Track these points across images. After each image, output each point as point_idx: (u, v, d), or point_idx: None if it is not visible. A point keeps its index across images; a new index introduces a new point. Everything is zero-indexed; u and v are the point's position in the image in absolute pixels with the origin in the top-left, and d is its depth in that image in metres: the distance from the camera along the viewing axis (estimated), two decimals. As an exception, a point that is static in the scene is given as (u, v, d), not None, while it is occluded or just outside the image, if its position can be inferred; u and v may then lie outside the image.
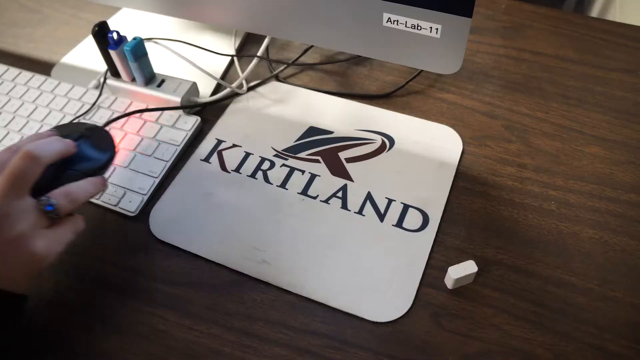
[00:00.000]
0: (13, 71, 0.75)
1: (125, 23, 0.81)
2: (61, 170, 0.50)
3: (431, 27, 0.50)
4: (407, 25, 0.51)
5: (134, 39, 0.63)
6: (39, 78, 0.73)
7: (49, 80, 0.73)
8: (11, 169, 0.46)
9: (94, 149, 0.54)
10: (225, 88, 0.67)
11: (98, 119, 0.67)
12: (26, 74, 0.74)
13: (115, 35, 0.63)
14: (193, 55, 0.68)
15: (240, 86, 0.69)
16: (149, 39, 0.66)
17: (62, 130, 0.54)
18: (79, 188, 0.49)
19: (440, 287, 0.51)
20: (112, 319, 0.51)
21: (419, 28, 0.51)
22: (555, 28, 0.76)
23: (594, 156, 0.61)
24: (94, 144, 0.54)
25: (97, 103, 0.69)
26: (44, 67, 0.77)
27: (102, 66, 0.69)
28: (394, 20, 0.52)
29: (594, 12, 1.65)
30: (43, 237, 0.46)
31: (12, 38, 0.83)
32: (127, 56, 0.64)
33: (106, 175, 0.54)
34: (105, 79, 0.68)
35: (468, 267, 0.50)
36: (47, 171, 0.48)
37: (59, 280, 0.55)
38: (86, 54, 0.78)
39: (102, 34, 0.63)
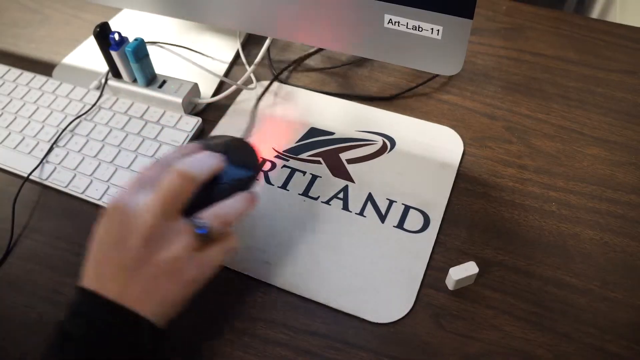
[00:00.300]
0: (14, 72, 0.75)
1: (126, 24, 0.81)
2: (210, 186, 0.46)
3: (432, 29, 0.50)
4: (408, 27, 0.51)
5: (136, 40, 0.63)
6: (40, 79, 0.74)
7: (51, 81, 0.73)
8: (165, 189, 0.44)
9: (240, 161, 0.49)
10: (230, 86, 0.67)
11: (99, 119, 0.67)
12: (28, 75, 0.75)
13: (116, 36, 0.63)
14: (194, 55, 0.68)
15: (247, 82, 0.69)
16: (151, 43, 0.66)
17: (205, 143, 0.50)
18: (231, 208, 0.46)
19: (441, 288, 0.51)
20: None
21: (420, 29, 0.51)
22: (555, 29, 0.76)
23: (595, 157, 0.61)
24: (239, 156, 0.50)
25: (98, 104, 0.69)
26: (45, 68, 0.77)
27: (103, 67, 0.69)
28: (395, 22, 0.52)
29: (595, 13, 1.65)
30: (195, 261, 0.43)
31: (13, 38, 0.84)
32: (128, 57, 0.64)
33: (254, 189, 0.51)
34: (106, 79, 0.68)
35: (469, 268, 0.50)
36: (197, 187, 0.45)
37: (60, 280, 0.55)
38: (87, 55, 0.79)
39: (104, 35, 0.63)
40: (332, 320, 0.50)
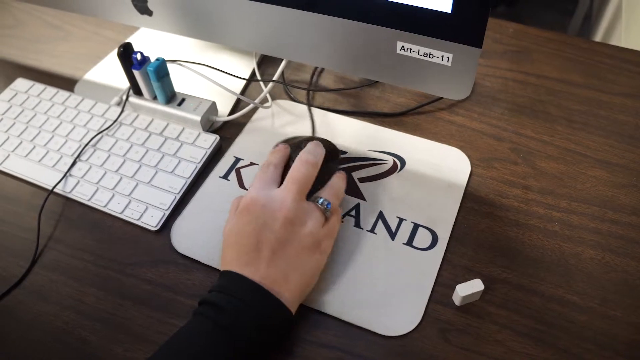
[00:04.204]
0: (38, 87, 0.78)
1: (145, 41, 0.84)
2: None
3: (442, 56, 0.53)
4: (420, 54, 0.54)
5: (157, 59, 0.66)
6: (63, 94, 0.76)
7: (73, 96, 0.76)
8: (298, 177, 0.53)
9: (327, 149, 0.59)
10: (246, 104, 0.70)
11: (120, 135, 0.70)
12: (51, 90, 0.77)
13: (139, 56, 0.66)
14: (211, 72, 0.71)
15: (263, 101, 0.71)
16: (171, 61, 0.69)
17: (291, 143, 0.60)
18: (338, 185, 0.56)
19: (448, 303, 0.53)
20: (133, 329, 0.54)
21: (431, 56, 0.53)
22: (560, 52, 0.78)
23: (597, 179, 0.63)
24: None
25: (119, 119, 0.71)
26: (67, 83, 0.80)
27: (123, 83, 0.72)
28: (407, 49, 0.54)
29: (599, 34, 1.67)
30: (326, 231, 0.52)
31: (36, 53, 0.86)
32: (150, 76, 0.66)
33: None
34: (127, 96, 0.71)
35: (475, 285, 0.52)
36: None
37: (82, 290, 0.57)
38: (108, 71, 0.82)
39: (127, 55, 0.66)
40: (343, 333, 0.52)
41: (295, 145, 0.58)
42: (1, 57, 0.87)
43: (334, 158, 0.60)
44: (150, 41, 0.84)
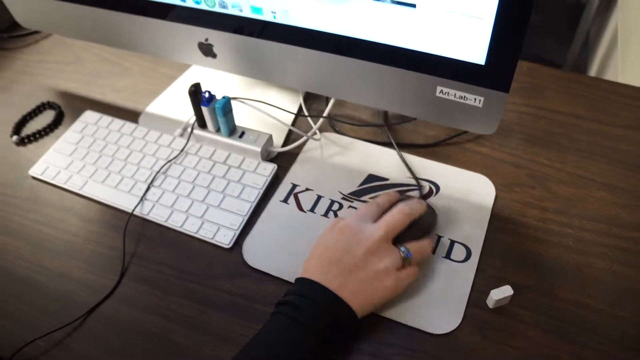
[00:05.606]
0: (106, 119, 0.87)
1: (198, 79, 0.92)
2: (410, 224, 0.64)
3: (475, 99, 0.62)
4: (456, 97, 0.63)
5: (223, 97, 0.76)
6: (130, 126, 0.86)
7: (139, 128, 0.85)
8: (391, 220, 0.62)
9: (427, 212, 0.68)
10: (297, 136, 0.81)
11: (187, 163, 0.79)
12: (118, 122, 0.87)
13: (207, 95, 0.76)
14: (263, 107, 0.80)
15: (313, 134, 0.81)
16: (233, 98, 0.79)
17: (401, 196, 0.70)
18: (425, 246, 0.64)
19: (483, 306, 0.63)
20: (217, 332, 0.63)
21: (465, 99, 0.62)
22: (568, 88, 0.88)
23: (603, 200, 0.73)
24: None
25: (185, 149, 0.81)
26: (130, 115, 0.89)
27: (181, 116, 0.82)
28: (445, 92, 0.63)
29: (596, 62, 1.77)
30: (396, 275, 0.60)
31: (98, 87, 0.96)
32: (216, 112, 0.76)
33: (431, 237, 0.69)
34: (192, 129, 0.81)
35: (506, 291, 0.62)
36: None
37: (167, 299, 0.66)
38: (167, 105, 0.91)
39: (197, 93, 0.76)
40: (400, 333, 0.61)
41: (406, 198, 0.69)
42: (67, 90, 0.96)
43: (432, 222, 0.68)
44: (203, 78, 0.93)
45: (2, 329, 0.65)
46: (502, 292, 0.62)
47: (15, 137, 0.88)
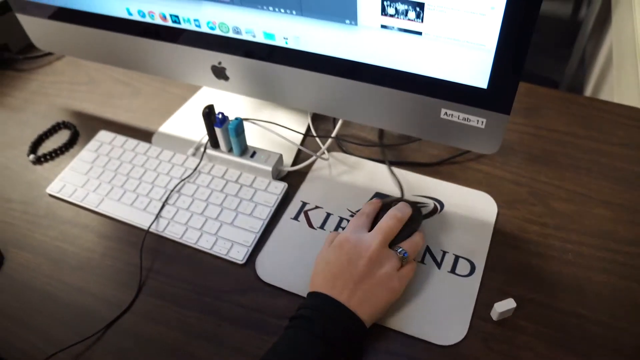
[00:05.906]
0: (120, 138, 0.90)
1: (208, 99, 0.96)
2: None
3: (478, 120, 0.65)
4: (460, 118, 0.66)
5: (236, 119, 0.79)
6: (143, 145, 0.89)
7: (153, 148, 0.88)
8: (385, 227, 0.66)
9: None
10: (306, 155, 0.84)
11: (200, 182, 0.82)
12: (132, 142, 0.90)
13: (220, 116, 0.79)
14: (273, 130, 0.83)
15: (322, 153, 0.84)
16: (245, 119, 0.82)
17: (383, 201, 0.72)
18: (417, 241, 0.67)
19: (487, 318, 0.66)
20: (234, 345, 0.65)
21: (469, 120, 0.65)
22: (566, 108, 0.92)
23: (601, 216, 0.76)
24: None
25: (197, 169, 0.84)
26: (143, 135, 0.92)
27: (193, 136, 0.85)
28: (449, 114, 0.66)
29: (593, 79, 1.80)
30: (398, 275, 0.64)
31: (112, 108, 0.99)
32: (229, 133, 0.79)
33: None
34: (205, 148, 0.84)
35: (509, 304, 0.64)
36: None
37: (185, 313, 0.69)
38: (179, 125, 0.94)
39: (210, 114, 0.79)
40: (407, 344, 0.64)
41: (387, 203, 0.71)
42: (81, 110, 0.99)
43: (417, 219, 0.71)
44: (213, 99, 0.96)
45: (26, 343, 0.67)
46: (506, 305, 0.64)
47: (32, 156, 0.90)
